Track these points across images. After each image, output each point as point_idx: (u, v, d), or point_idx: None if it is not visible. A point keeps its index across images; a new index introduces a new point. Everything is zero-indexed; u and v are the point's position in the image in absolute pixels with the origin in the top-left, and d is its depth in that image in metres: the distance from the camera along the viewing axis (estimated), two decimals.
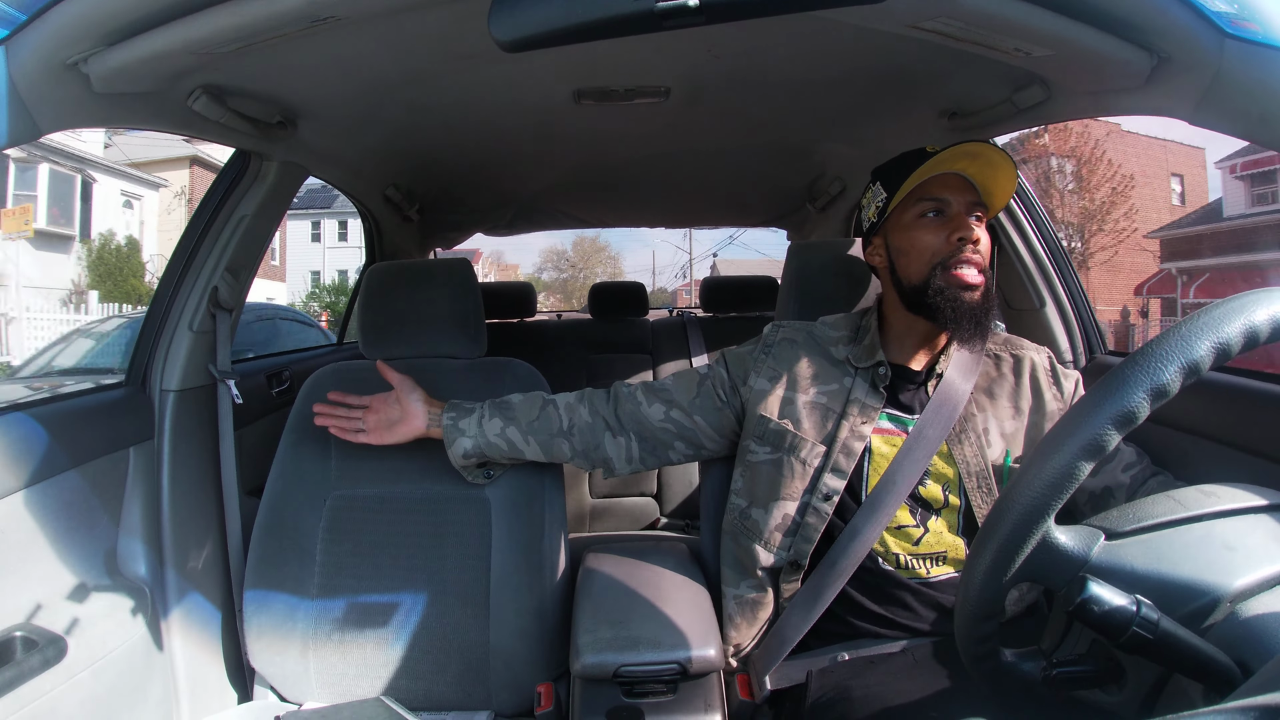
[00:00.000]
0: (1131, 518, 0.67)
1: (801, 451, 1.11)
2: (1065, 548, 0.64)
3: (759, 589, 1.14)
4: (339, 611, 1.25)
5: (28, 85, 0.82)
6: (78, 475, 1.13)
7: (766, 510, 1.13)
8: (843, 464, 1.09)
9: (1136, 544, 0.65)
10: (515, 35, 0.73)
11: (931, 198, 1.08)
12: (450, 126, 1.63)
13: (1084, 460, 0.59)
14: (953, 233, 1.06)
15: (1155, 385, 0.57)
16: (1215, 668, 0.58)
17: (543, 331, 2.84)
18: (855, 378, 1.13)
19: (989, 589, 0.65)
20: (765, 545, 1.12)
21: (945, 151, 1.06)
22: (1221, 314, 0.58)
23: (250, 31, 0.87)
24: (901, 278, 1.11)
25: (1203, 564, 0.63)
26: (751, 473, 1.16)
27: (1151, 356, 0.57)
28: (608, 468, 1.22)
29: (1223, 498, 0.69)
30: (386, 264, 1.45)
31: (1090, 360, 1.48)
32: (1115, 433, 0.58)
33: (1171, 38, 0.82)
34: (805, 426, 1.12)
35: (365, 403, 1.25)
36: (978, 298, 1.06)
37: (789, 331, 1.21)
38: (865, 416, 1.10)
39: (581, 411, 1.22)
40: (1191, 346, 0.57)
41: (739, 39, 1.15)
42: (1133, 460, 1.08)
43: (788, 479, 1.11)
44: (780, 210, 2.71)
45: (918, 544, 1.08)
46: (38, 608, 1.03)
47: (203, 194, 1.43)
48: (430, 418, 1.23)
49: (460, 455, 1.21)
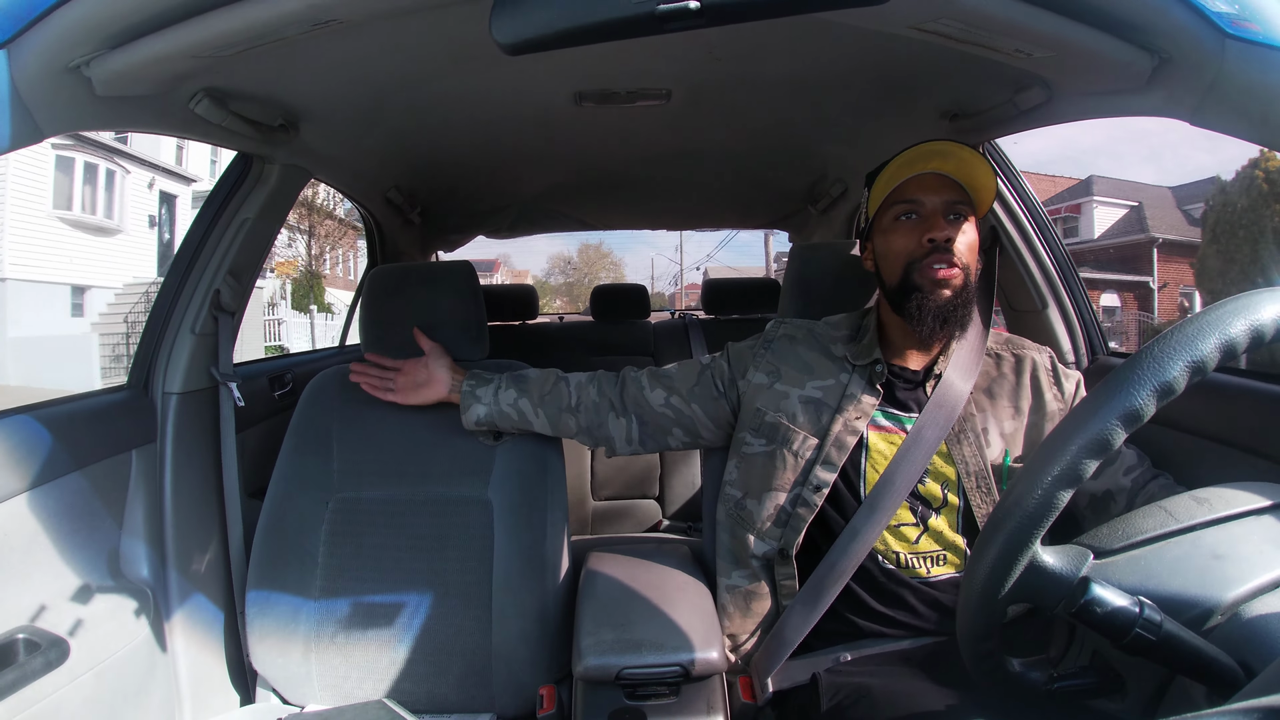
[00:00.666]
0: (1120, 535, 0.67)
1: (794, 444, 1.13)
2: (1054, 569, 0.63)
3: (752, 579, 1.16)
4: (341, 614, 1.25)
5: (30, 88, 0.82)
6: (81, 478, 1.13)
7: (760, 501, 1.15)
8: (834, 457, 1.11)
9: (1126, 561, 0.65)
10: (516, 37, 0.73)
11: (904, 200, 1.10)
12: (452, 129, 1.63)
13: (1061, 489, 0.59)
14: (924, 234, 1.07)
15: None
16: (1218, 669, 0.58)
17: (545, 334, 2.84)
18: (852, 374, 1.15)
19: (984, 610, 0.65)
20: (757, 534, 1.14)
21: (909, 152, 1.07)
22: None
23: (252, 35, 0.87)
24: (885, 280, 1.13)
25: (1192, 578, 0.63)
26: (746, 464, 1.18)
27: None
28: (609, 446, 1.27)
29: (1216, 504, 0.68)
30: (389, 267, 1.46)
31: (1093, 361, 1.48)
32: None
33: (1172, 38, 0.82)
34: (800, 420, 1.14)
35: (397, 365, 1.32)
36: (946, 295, 1.06)
37: (790, 328, 1.23)
38: (859, 412, 1.12)
39: (590, 390, 1.27)
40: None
41: (740, 41, 1.16)
42: (1134, 463, 1.07)
43: (780, 470, 1.13)
44: (781, 212, 2.70)
45: (917, 543, 1.09)
46: (40, 609, 1.03)
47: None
48: (452, 384, 1.29)
49: (473, 421, 1.27)
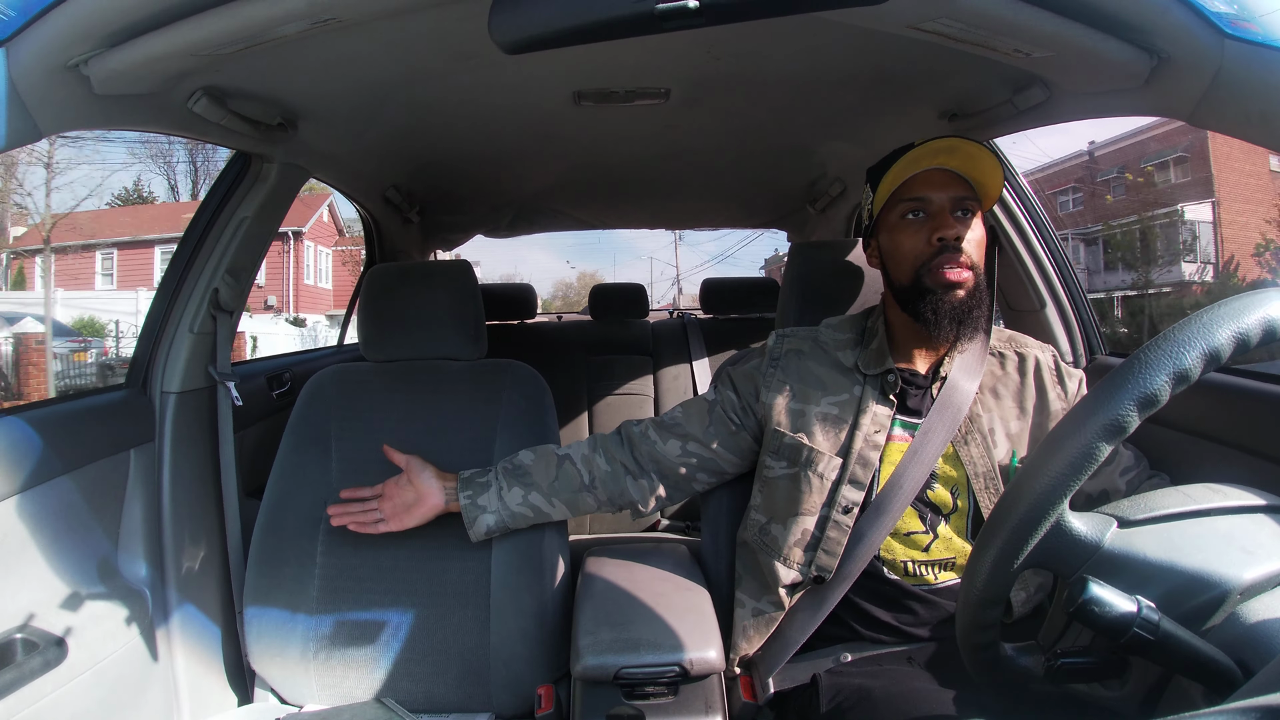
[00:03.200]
0: (1144, 507, 0.67)
1: (819, 466, 1.09)
2: (1079, 533, 0.64)
3: (778, 606, 1.12)
4: (340, 614, 1.24)
5: (28, 86, 0.82)
6: (79, 477, 1.13)
7: (785, 526, 1.11)
8: (860, 475, 1.08)
9: (1149, 533, 0.65)
10: (515, 36, 0.73)
11: (912, 197, 1.07)
12: (451, 128, 1.63)
13: (1103, 441, 0.58)
14: (933, 232, 1.04)
15: (1177, 370, 0.56)
16: (1216, 669, 0.58)
17: (543, 333, 2.83)
18: (865, 385, 1.11)
19: (998, 573, 0.65)
20: (785, 562, 1.10)
21: (917, 149, 1.04)
22: (1237, 305, 0.58)
23: (251, 33, 0.87)
24: (893, 279, 1.11)
25: (1213, 556, 0.63)
26: (769, 488, 1.15)
27: (1174, 343, 0.57)
28: (634, 510, 1.21)
29: (1229, 496, 0.69)
30: (387, 265, 1.45)
31: (1090, 361, 1.48)
32: (1136, 415, 0.57)
33: (1171, 38, 0.82)
34: (819, 439, 1.10)
35: (378, 491, 1.22)
36: (960, 296, 1.04)
37: (795, 341, 1.19)
38: (877, 424, 1.09)
39: (599, 461, 1.20)
40: (1213, 334, 0.57)
41: (739, 40, 1.15)
42: (1130, 464, 1.08)
43: (806, 494, 1.10)
44: (780, 211, 2.70)
45: (927, 550, 1.07)
46: (38, 610, 1.03)
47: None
48: (447, 493, 1.20)
49: (483, 532, 1.19)
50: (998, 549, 0.64)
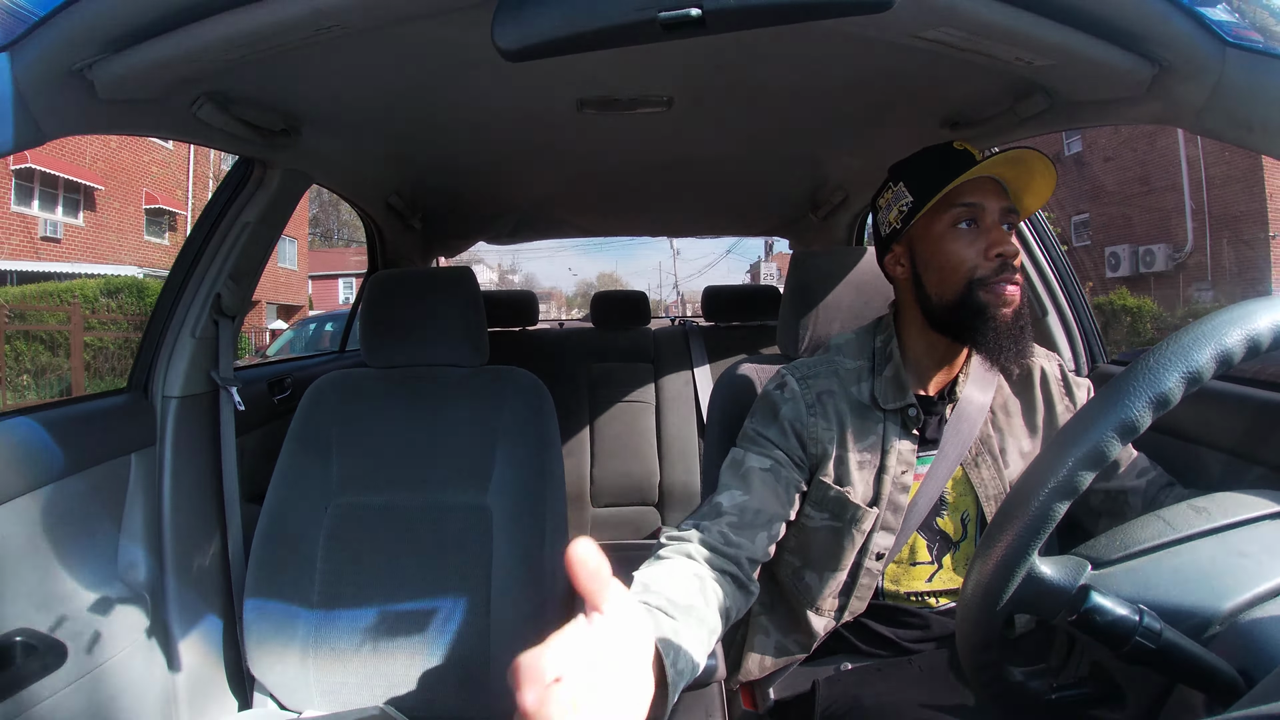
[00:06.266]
0: (1119, 545, 0.66)
1: (864, 523, 1.03)
2: (1052, 580, 0.63)
3: (804, 649, 1.09)
4: (340, 619, 1.24)
5: (32, 91, 0.82)
6: (80, 481, 1.13)
7: (821, 577, 1.06)
8: (891, 522, 1.04)
9: (1123, 572, 0.65)
10: (519, 44, 0.73)
11: (966, 204, 0.98)
12: (453, 135, 1.63)
13: (1058, 501, 0.59)
14: (991, 247, 0.96)
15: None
16: (1218, 677, 0.57)
17: (545, 340, 2.84)
18: (885, 422, 1.04)
19: (983, 623, 0.65)
20: (818, 611, 1.07)
21: (990, 160, 0.97)
22: (1250, 308, 0.57)
23: (255, 40, 0.87)
24: (930, 293, 1.01)
25: (1190, 588, 0.62)
26: (805, 535, 1.07)
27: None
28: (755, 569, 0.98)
29: (1214, 512, 0.68)
30: (389, 272, 1.46)
31: (1092, 369, 1.48)
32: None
33: (1173, 47, 0.82)
34: (859, 490, 1.03)
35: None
36: (1008, 314, 0.96)
37: (823, 382, 1.07)
38: (904, 464, 1.03)
39: (725, 586, 0.90)
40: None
41: (741, 49, 1.16)
42: (1146, 466, 1.03)
43: (847, 549, 1.04)
44: (782, 219, 2.71)
45: (930, 580, 1.06)
46: (39, 613, 1.03)
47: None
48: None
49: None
50: (977, 601, 0.64)
